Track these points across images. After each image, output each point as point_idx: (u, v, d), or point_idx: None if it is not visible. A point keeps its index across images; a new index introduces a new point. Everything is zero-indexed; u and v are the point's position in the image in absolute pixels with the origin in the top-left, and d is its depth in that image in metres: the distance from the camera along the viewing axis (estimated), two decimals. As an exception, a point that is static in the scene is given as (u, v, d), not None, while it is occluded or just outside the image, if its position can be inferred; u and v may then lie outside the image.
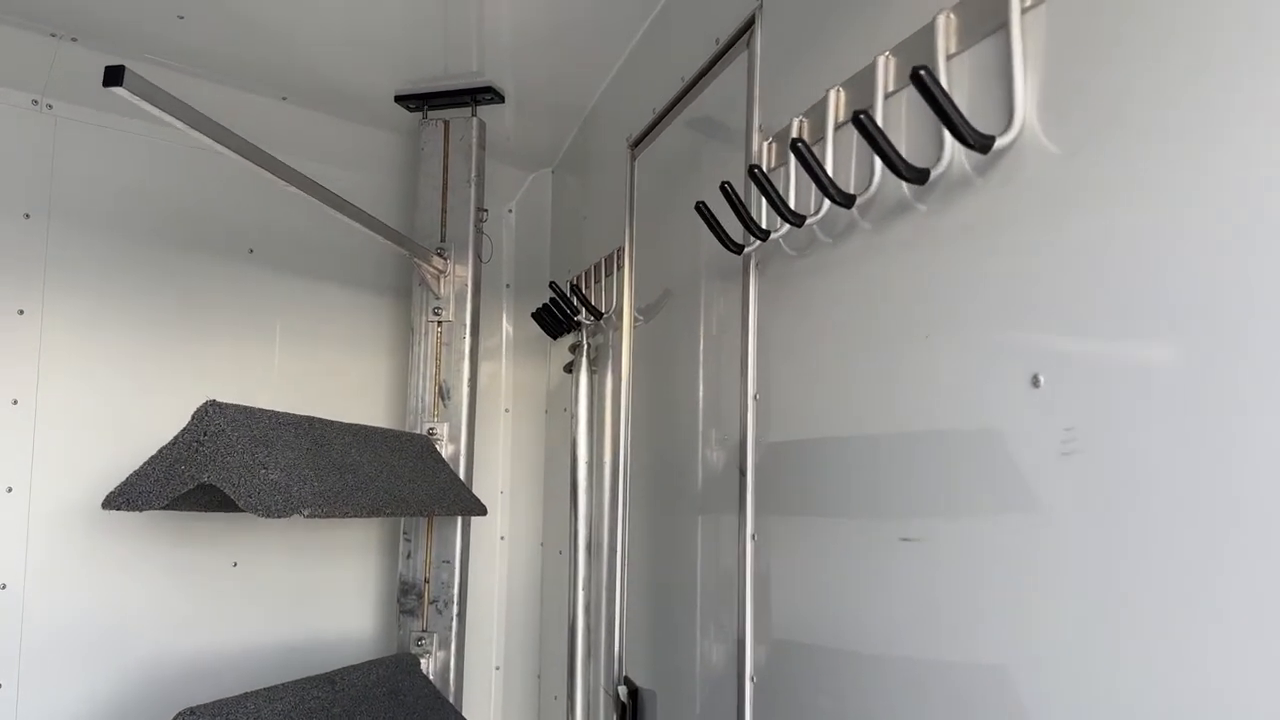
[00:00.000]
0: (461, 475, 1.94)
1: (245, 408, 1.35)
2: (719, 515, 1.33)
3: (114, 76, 1.10)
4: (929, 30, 0.79)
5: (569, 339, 2.05)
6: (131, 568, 1.79)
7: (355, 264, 2.11)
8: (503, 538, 2.48)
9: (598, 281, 1.90)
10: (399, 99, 1.97)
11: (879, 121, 0.84)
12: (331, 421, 1.55)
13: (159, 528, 1.84)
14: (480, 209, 1.98)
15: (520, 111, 2.08)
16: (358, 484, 1.44)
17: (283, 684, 1.48)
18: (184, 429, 1.31)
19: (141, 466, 1.32)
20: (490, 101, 1.97)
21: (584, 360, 1.93)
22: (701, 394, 1.44)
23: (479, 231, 1.98)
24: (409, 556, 1.94)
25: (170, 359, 1.82)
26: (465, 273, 1.94)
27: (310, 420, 1.48)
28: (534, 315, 2.13)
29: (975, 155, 0.74)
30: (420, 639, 1.91)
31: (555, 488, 2.32)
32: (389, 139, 2.13)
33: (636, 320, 1.74)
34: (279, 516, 1.24)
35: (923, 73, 0.66)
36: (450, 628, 1.91)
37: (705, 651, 1.37)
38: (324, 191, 1.48)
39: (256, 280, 1.97)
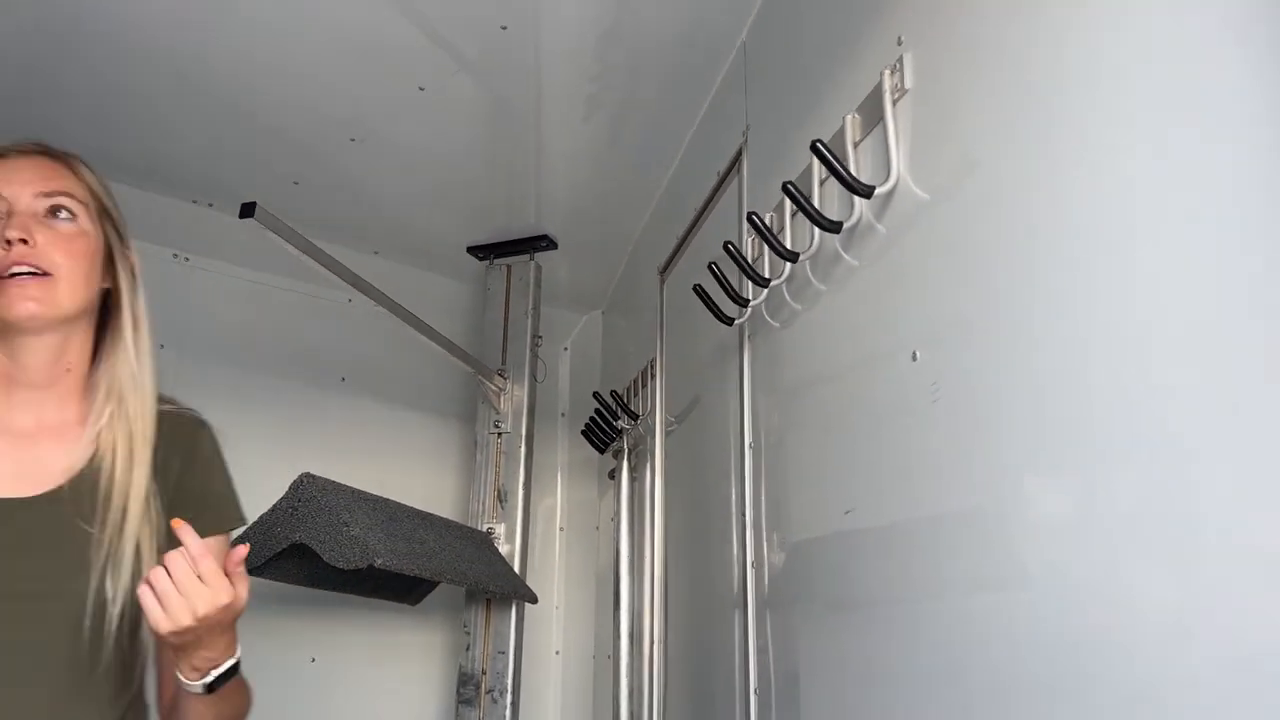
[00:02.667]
0: (516, 570, 2.14)
1: (333, 481, 1.61)
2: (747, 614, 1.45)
3: (248, 210, 1.45)
4: (842, 130, 1.07)
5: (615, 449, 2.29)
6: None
7: (427, 391, 2.42)
8: (558, 652, 2.62)
9: (636, 394, 2.16)
10: (470, 250, 2.34)
11: (816, 202, 1.11)
12: (403, 504, 1.80)
13: (247, 621, 2.06)
14: (536, 335, 2.29)
15: (572, 256, 2.42)
16: (424, 553, 1.67)
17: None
18: (282, 497, 1.57)
19: (244, 530, 1.57)
20: (546, 248, 2.32)
21: (625, 465, 2.16)
22: (734, 491, 1.63)
23: (534, 355, 2.28)
24: (468, 649, 2.11)
25: (269, 469, 2.09)
26: (522, 391, 2.23)
27: (386, 500, 1.73)
28: (583, 432, 2.38)
29: (877, 208, 1.00)
30: (477, 728, 2.05)
31: (608, 601, 2.48)
32: (460, 286, 2.49)
33: (669, 424, 1.97)
34: (356, 566, 1.46)
35: (818, 144, 0.93)
36: (505, 717, 2.05)
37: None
38: (404, 310, 1.80)
39: (346, 405, 2.28)
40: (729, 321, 1.38)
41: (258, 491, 2.02)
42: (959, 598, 0.83)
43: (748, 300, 1.29)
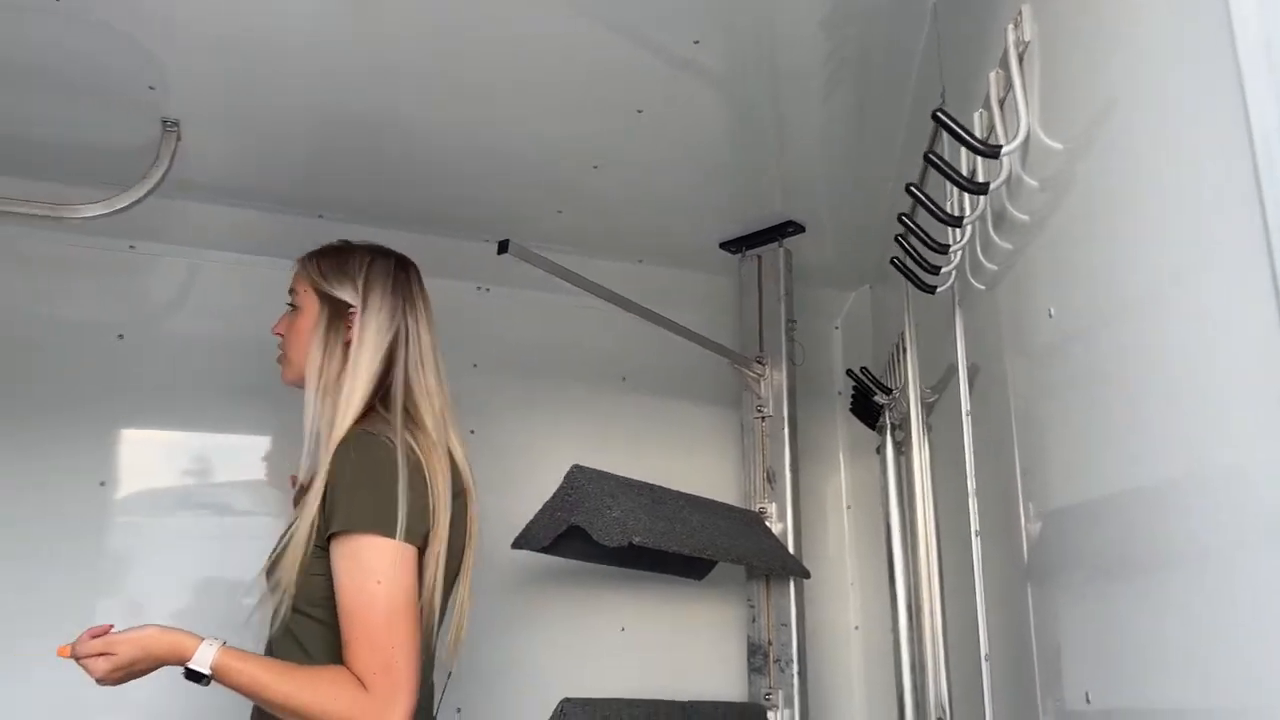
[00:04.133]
0: (790, 548, 2.23)
1: (600, 470, 1.83)
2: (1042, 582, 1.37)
3: (503, 247, 1.71)
4: (988, 89, 1.05)
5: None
6: (546, 621, 2.32)
7: (700, 383, 2.58)
8: (857, 627, 2.66)
9: (893, 371, 2.15)
10: (722, 245, 2.48)
11: (979, 163, 1.10)
12: (670, 489, 1.97)
13: (568, 594, 2.37)
14: (790, 320, 2.37)
15: (830, 235, 2.46)
16: (685, 531, 1.83)
17: (643, 699, 1.85)
18: (559, 487, 1.81)
19: (534, 516, 1.85)
20: (793, 233, 2.39)
21: (889, 440, 2.17)
22: (1018, 455, 1.58)
23: (790, 339, 2.36)
24: (754, 621, 2.25)
25: (563, 464, 2.36)
26: (781, 375, 2.32)
27: (651, 485, 1.92)
28: (851, 410, 2.41)
29: (1023, 162, 0.98)
30: (768, 694, 2.17)
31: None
32: (720, 280, 2.63)
33: (928, 395, 1.96)
34: (616, 544, 1.66)
35: (937, 113, 0.94)
36: (793, 684, 2.16)
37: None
38: (650, 312, 1.98)
39: (628, 402, 2.52)
40: (930, 290, 1.38)
41: (553, 483, 2.32)
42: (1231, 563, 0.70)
43: (938, 268, 1.29)
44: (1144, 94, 0.74)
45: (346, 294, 1.43)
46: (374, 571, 1.23)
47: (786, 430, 2.30)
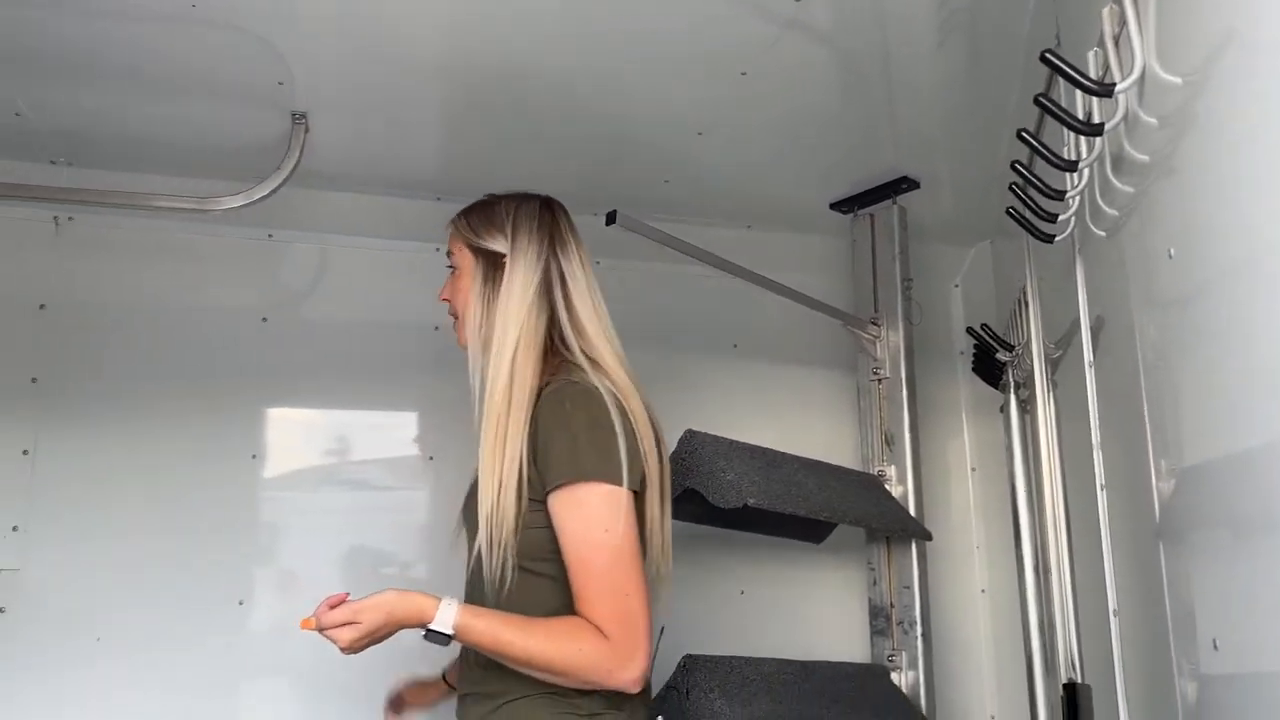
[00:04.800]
0: (912, 510, 2.20)
1: (713, 435, 1.85)
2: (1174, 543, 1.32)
3: (611, 219, 1.75)
4: (1102, 27, 1.01)
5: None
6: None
7: (813, 346, 2.55)
8: (983, 591, 2.60)
9: (1015, 327, 2.08)
10: (833, 206, 2.44)
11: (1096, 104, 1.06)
12: (785, 453, 1.98)
13: (690, 558, 2.40)
14: (906, 279, 2.31)
15: (946, 190, 2.39)
16: (801, 494, 1.83)
17: (765, 658, 1.88)
18: (673, 451, 1.84)
19: (651, 481, 1.88)
20: (907, 190, 2.33)
21: (1012, 399, 2.10)
22: (1148, 410, 1.50)
23: (906, 298, 2.30)
24: (875, 584, 2.23)
25: (672, 431, 2.36)
26: (898, 336, 2.27)
27: (765, 449, 1.93)
28: (973, 369, 2.34)
29: (1143, 100, 0.94)
30: (891, 656, 2.16)
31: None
32: (833, 242, 2.59)
33: (1052, 351, 1.89)
34: (733, 505, 1.68)
35: (1047, 54, 0.91)
36: (916, 647, 2.14)
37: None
38: (759, 277, 1.98)
39: (740, 369, 2.52)
40: (1048, 239, 1.33)
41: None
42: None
43: (1056, 217, 1.25)
44: (1263, 22, 0.70)
45: (498, 244, 1.42)
46: (601, 519, 1.20)
47: (905, 392, 2.26)
